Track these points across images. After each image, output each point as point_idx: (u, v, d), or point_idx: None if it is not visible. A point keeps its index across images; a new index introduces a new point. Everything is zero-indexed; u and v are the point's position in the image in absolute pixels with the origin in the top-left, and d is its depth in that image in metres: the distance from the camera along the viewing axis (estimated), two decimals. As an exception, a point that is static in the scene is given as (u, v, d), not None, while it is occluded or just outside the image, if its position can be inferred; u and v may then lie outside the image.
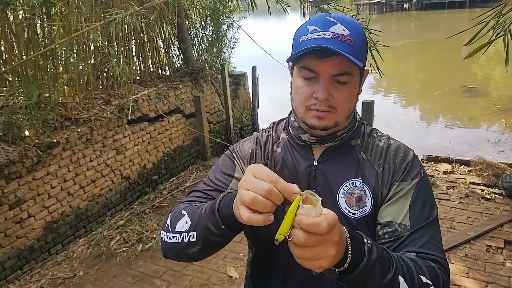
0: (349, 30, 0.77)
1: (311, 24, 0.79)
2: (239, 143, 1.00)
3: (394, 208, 0.82)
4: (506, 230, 3.12)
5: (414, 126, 6.94)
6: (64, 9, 3.23)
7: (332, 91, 0.79)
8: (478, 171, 4.09)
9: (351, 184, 0.86)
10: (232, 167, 0.94)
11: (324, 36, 0.76)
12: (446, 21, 23.80)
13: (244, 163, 0.95)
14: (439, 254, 0.78)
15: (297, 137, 0.92)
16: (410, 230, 0.79)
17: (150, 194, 4.35)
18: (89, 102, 3.89)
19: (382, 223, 0.83)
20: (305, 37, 0.78)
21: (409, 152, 0.89)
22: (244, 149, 0.97)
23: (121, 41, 4.20)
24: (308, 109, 0.83)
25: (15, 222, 3.02)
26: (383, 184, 0.85)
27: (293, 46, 0.83)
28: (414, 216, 0.80)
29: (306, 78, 0.81)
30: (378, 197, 0.84)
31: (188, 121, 4.99)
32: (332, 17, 0.78)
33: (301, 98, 0.83)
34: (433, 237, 0.80)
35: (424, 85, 10.13)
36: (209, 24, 5.65)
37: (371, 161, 0.88)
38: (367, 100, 3.91)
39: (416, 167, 0.86)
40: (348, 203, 0.85)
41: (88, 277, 3.08)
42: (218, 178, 0.93)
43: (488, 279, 2.63)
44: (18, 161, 2.98)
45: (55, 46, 2.88)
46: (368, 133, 0.93)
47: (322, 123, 0.82)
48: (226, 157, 0.98)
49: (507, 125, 6.27)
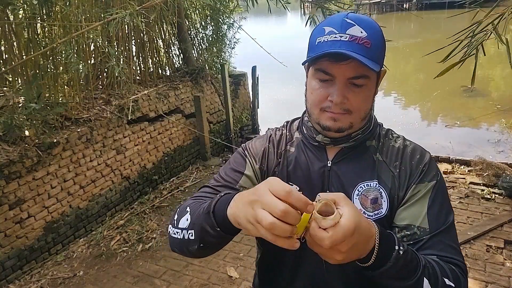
0: (367, 32, 0.75)
1: (328, 25, 0.78)
2: (252, 141, 1.00)
3: (411, 211, 0.81)
4: (506, 230, 3.12)
5: (414, 126, 6.93)
6: (63, 9, 3.23)
7: (348, 94, 0.78)
8: (478, 171, 4.09)
9: (366, 185, 0.85)
10: (243, 164, 0.94)
11: (341, 38, 0.75)
12: (446, 21, 23.81)
13: (256, 161, 0.94)
14: (459, 258, 0.78)
15: (310, 137, 0.91)
16: (429, 234, 0.79)
17: (150, 194, 4.35)
18: (89, 102, 3.89)
19: (400, 226, 0.82)
20: (322, 38, 0.77)
21: (425, 154, 0.88)
22: (257, 147, 0.96)
23: (121, 41, 4.20)
24: (323, 111, 0.82)
25: (15, 222, 3.02)
26: (400, 186, 0.84)
27: (309, 46, 0.82)
28: (432, 219, 0.80)
29: (321, 80, 0.80)
30: (394, 199, 0.83)
31: (188, 121, 4.99)
32: (350, 18, 0.76)
33: (316, 99, 0.82)
34: (453, 241, 0.80)
35: (424, 85, 10.13)
36: (209, 24, 5.65)
37: (387, 162, 0.87)
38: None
39: (433, 169, 0.85)
40: (363, 204, 0.83)
41: (88, 277, 3.08)
42: (228, 175, 0.93)
43: (488, 279, 2.62)
44: (18, 161, 2.98)
45: (56, 45, 2.89)
46: (383, 134, 0.92)
47: (336, 124, 0.81)
48: (237, 154, 0.97)
49: (507, 125, 6.27)
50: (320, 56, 0.76)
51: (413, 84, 10.75)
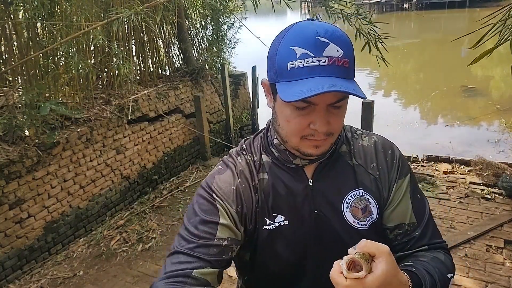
0: (343, 49, 0.69)
1: (298, 45, 0.68)
2: (214, 179, 0.84)
3: (399, 210, 0.83)
4: (506, 230, 3.12)
5: (414, 126, 6.93)
6: (66, 8, 3.23)
7: (329, 118, 0.73)
8: (478, 171, 4.09)
9: (353, 195, 0.83)
10: (214, 211, 0.79)
11: (319, 63, 0.67)
12: (446, 21, 23.81)
13: (230, 204, 0.80)
14: (442, 239, 0.85)
15: (286, 160, 0.84)
16: (419, 227, 0.83)
17: (150, 194, 4.35)
18: (89, 102, 3.89)
19: (391, 227, 0.84)
20: (295, 63, 0.68)
21: (394, 147, 0.89)
22: (225, 187, 0.82)
23: (121, 41, 4.20)
24: (304, 139, 0.76)
25: (15, 222, 3.02)
26: (383, 187, 0.84)
27: (278, 70, 0.71)
28: (417, 212, 0.84)
29: (299, 107, 0.71)
30: (381, 202, 0.84)
31: (188, 121, 4.99)
32: (323, 35, 0.68)
33: (296, 128, 0.74)
34: (434, 225, 0.86)
35: (424, 85, 10.13)
36: (209, 24, 5.65)
37: (364, 166, 0.86)
38: (367, 99, 3.89)
39: (405, 161, 0.88)
40: (355, 216, 0.82)
41: (88, 277, 3.08)
42: (200, 229, 0.77)
43: (488, 279, 2.62)
44: (18, 161, 2.98)
45: (58, 45, 2.89)
46: (350, 135, 0.90)
47: (319, 150, 0.77)
48: (202, 199, 0.82)
49: (507, 125, 6.27)
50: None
51: (413, 84, 10.74)
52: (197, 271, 0.74)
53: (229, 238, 0.78)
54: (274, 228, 0.82)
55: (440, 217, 3.37)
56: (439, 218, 3.36)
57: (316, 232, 0.82)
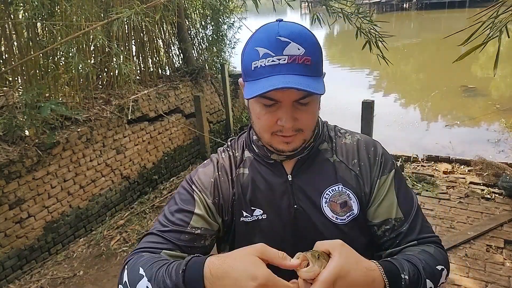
0: (304, 47, 0.71)
1: (260, 46, 0.71)
2: (197, 171, 0.89)
3: (384, 206, 0.83)
4: (506, 230, 3.12)
5: (414, 126, 6.93)
6: (65, 8, 3.23)
7: (296, 114, 0.75)
8: (478, 171, 4.09)
9: (332, 191, 0.83)
10: (191, 201, 0.83)
11: (279, 62, 0.70)
12: (446, 21, 23.81)
13: (207, 195, 0.84)
14: (433, 234, 0.83)
15: (264, 156, 0.87)
16: (406, 222, 0.82)
17: (150, 194, 4.35)
18: (89, 102, 3.89)
19: (377, 223, 0.83)
20: (258, 63, 0.71)
21: (377, 144, 0.89)
22: (205, 179, 0.87)
23: (121, 41, 4.20)
24: (274, 135, 0.78)
25: (15, 222, 3.02)
26: (364, 183, 0.84)
27: (244, 70, 0.75)
28: (404, 206, 0.83)
29: (266, 105, 0.75)
30: (362, 197, 0.84)
31: (188, 121, 4.99)
32: (283, 35, 0.70)
33: (265, 125, 0.77)
34: (423, 220, 0.84)
35: (424, 85, 10.13)
36: (209, 24, 5.65)
37: (345, 162, 0.86)
38: (367, 99, 3.90)
39: (388, 158, 0.87)
40: (333, 211, 0.83)
41: (88, 277, 3.08)
42: (176, 216, 0.81)
43: (488, 279, 2.62)
44: (18, 161, 2.98)
45: (58, 45, 2.89)
46: (333, 133, 0.92)
47: (290, 146, 0.79)
48: (183, 189, 0.87)
49: (507, 125, 6.26)
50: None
51: (413, 83, 10.74)
52: (166, 251, 0.77)
53: (202, 228, 0.81)
54: (252, 221, 0.84)
55: (440, 217, 3.37)
56: (439, 218, 3.36)
57: (296, 227, 0.83)
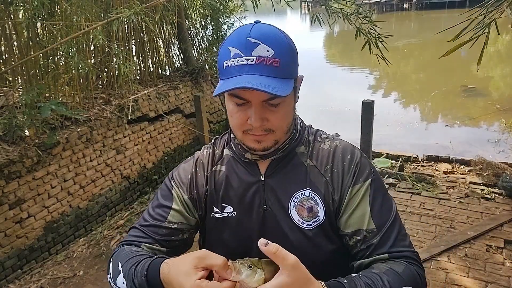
0: (274, 49, 0.72)
1: (232, 46, 0.73)
2: (179, 167, 0.94)
3: (356, 215, 0.81)
4: (506, 230, 3.12)
5: (414, 126, 6.93)
6: (65, 8, 3.23)
7: (266, 115, 0.76)
8: (478, 171, 4.09)
9: (301, 195, 0.83)
10: (169, 196, 0.88)
11: (247, 62, 0.71)
12: (446, 21, 23.81)
13: (184, 191, 0.88)
14: (408, 249, 0.79)
15: (240, 154, 0.88)
16: (378, 234, 0.79)
17: (150, 194, 4.35)
18: (89, 101, 3.89)
19: (349, 233, 0.81)
20: (229, 62, 0.73)
21: (356, 153, 0.86)
22: (183, 174, 0.91)
23: (121, 41, 4.20)
24: (245, 133, 0.80)
25: (15, 222, 3.02)
26: (334, 190, 0.83)
27: (219, 69, 0.78)
28: (377, 218, 0.80)
29: (238, 104, 0.77)
30: (330, 204, 0.82)
31: (188, 121, 4.99)
32: (254, 36, 0.72)
33: (237, 123, 0.79)
34: (399, 233, 0.80)
35: (424, 85, 10.13)
36: (209, 24, 5.65)
37: (318, 167, 0.85)
38: (367, 99, 3.90)
39: (365, 168, 0.84)
40: (300, 215, 0.82)
41: (88, 277, 3.08)
42: (155, 211, 0.87)
43: (488, 279, 2.62)
44: (18, 161, 2.98)
45: (58, 45, 2.89)
46: (312, 137, 0.90)
47: (261, 145, 0.80)
48: (164, 185, 0.92)
49: (507, 125, 6.26)
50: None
51: (413, 83, 10.74)
52: (146, 245, 0.83)
53: (179, 223, 0.86)
54: (222, 217, 0.87)
55: (440, 217, 3.37)
56: (439, 218, 3.36)
57: (263, 227, 0.84)
